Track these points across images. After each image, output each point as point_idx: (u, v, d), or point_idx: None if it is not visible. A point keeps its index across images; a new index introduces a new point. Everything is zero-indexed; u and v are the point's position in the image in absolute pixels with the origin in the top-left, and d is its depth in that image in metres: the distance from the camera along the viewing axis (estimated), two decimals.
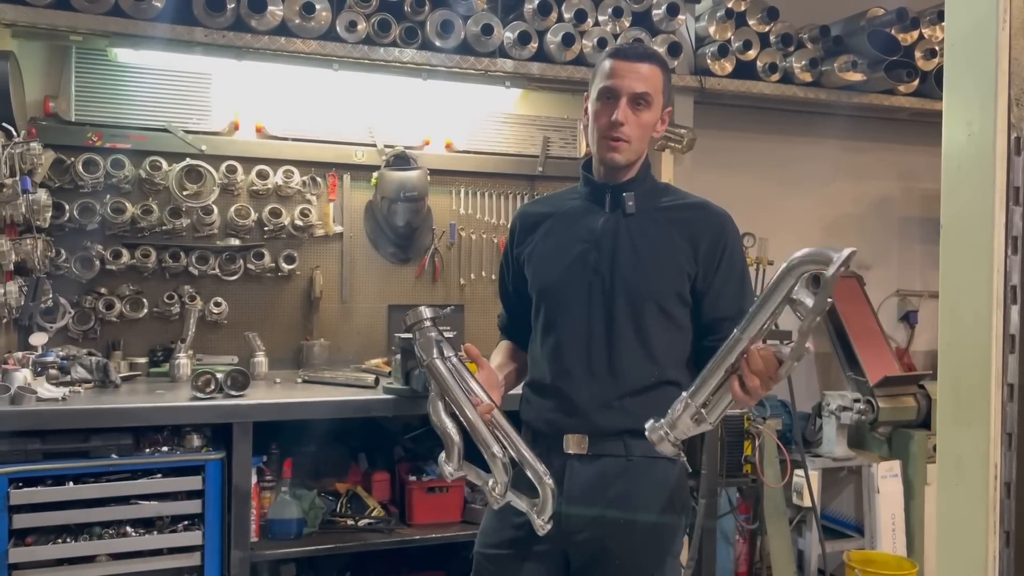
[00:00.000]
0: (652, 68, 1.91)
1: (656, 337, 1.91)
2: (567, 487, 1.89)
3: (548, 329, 1.98)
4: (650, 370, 1.91)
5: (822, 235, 4.75)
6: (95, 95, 3.42)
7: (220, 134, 3.60)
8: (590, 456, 1.91)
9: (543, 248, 2.03)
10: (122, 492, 2.70)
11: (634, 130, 1.90)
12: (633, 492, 1.89)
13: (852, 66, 4.03)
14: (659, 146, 3.99)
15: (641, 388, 1.91)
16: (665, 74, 1.96)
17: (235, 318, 3.62)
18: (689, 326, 1.95)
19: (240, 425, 2.80)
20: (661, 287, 1.92)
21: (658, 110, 1.94)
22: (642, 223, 1.94)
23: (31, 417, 2.62)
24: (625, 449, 1.90)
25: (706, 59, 3.99)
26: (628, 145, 1.91)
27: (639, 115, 1.90)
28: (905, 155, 4.89)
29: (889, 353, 4.40)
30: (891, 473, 4.12)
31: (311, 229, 3.70)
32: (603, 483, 1.90)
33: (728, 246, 1.94)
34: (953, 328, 1.62)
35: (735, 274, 1.95)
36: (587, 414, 1.91)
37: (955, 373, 1.61)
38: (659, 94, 1.93)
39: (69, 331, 3.39)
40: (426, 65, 3.53)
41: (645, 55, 1.93)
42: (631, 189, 1.95)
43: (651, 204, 1.97)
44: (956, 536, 1.61)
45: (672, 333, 1.94)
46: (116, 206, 3.40)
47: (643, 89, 1.89)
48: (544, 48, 3.69)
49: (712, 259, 1.92)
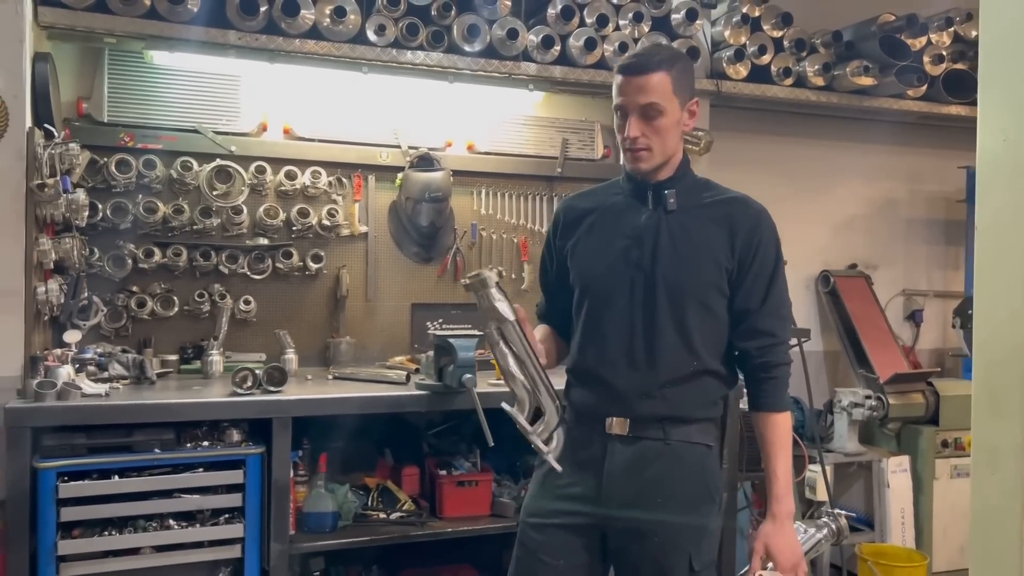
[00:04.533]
0: (655, 76, 1.94)
1: (695, 330, 1.99)
2: (607, 466, 2.00)
3: (592, 321, 2.06)
4: (688, 361, 2.00)
5: (830, 235, 4.86)
6: (127, 96, 3.47)
7: (249, 135, 3.66)
8: (631, 438, 2.00)
9: (587, 243, 2.10)
10: (166, 486, 2.75)
11: (651, 139, 1.96)
12: (670, 474, 1.99)
13: (864, 71, 4.12)
14: None
15: (680, 378, 2.00)
16: (675, 74, 1.96)
17: (263, 316, 3.67)
18: (726, 317, 2.03)
19: (280, 420, 2.86)
20: (700, 281, 2.00)
21: (675, 111, 1.97)
22: (683, 219, 2.01)
23: (76, 412, 2.67)
24: (663, 434, 1.99)
25: (722, 63, 4.08)
26: (650, 153, 1.97)
27: (653, 123, 1.95)
28: (911, 158, 5.00)
29: (897, 351, 4.50)
30: (900, 468, 4.22)
31: (337, 229, 3.76)
32: (642, 463, 1.99)
33: (763, 240, 2.01)
34: (988, 325, 1.71)
35: (767, 268, 2.02)
36: (628, 401, 2.00)
37: (990, 368, 1.70)
38: (669, 98, 1.95)
39: (101, 329, 3.43)
40: (452, 68, 3.60)
41: (646, 66, 1.95)
42: (672, 187, 2.02)
43: (692, 201, 2.03)
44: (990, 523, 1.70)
45: (710, 324, 2.02)
46: (148, 206, 3.45)
47: (649, 100, 1.93)
48: (566, 52, 3.77)
49: (747, 252, 2.00)
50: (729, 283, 2.01)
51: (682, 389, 1.99)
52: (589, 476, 2.02)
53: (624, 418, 2.00)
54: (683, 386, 2.00)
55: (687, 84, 2.01)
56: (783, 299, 2.05)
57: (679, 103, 1.97)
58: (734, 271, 2.00)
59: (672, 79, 1.95)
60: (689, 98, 2.01)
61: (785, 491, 2.01)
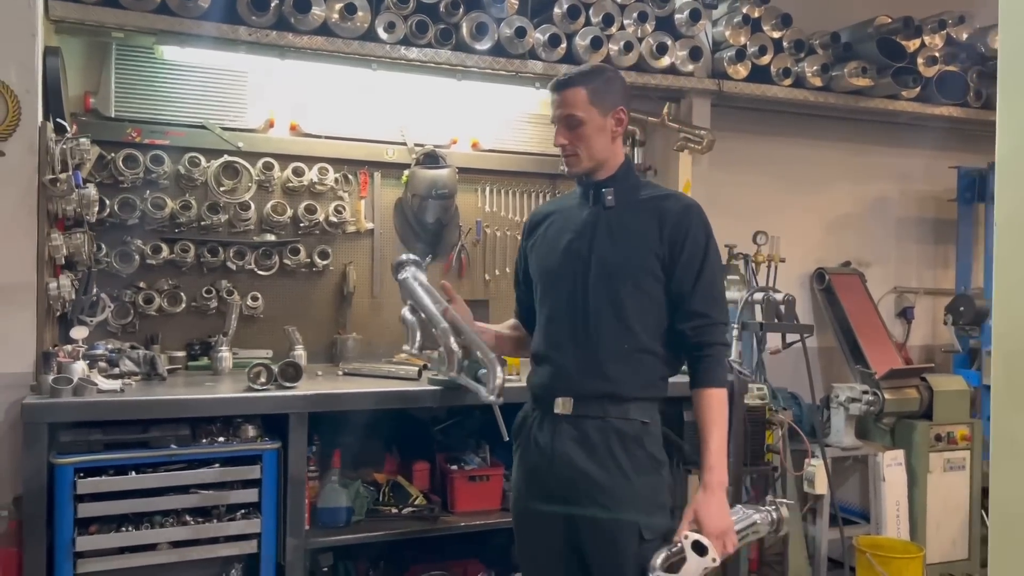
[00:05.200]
0: (571, 91, 2.19)
1: (630, 310, 2.17)
2: (556, 445, 2.20)
3: (543, 307, 2.31)
4: (625, 339, 2.17)
5: (824, 234, 4.94)
6: (135, 91, 3.45)
7: (256, 131, 3.66)
8: (574, 417, 2.19)
9: (543, 241, 2.35)
10: (183, 481, 2.75)
11: (576, 145, 2.21)
12: (611, 448, 2.15)
13: (862, 72, 4.19)
14: (678, 147, 4.13)
15: (618, 356, 2.17)
16: (592, 87, 2.19)
17: (269, 312, 3.67)
18: (663, 300, 2.20)
19: (297, 415, 2.87)
20: (632, 265, 2.18)
21: (595, 119, 2.19)
22: (620, 214, 2.23)
23: (92, 408, 2.66)
24: (603, 411, 2.17)
25: (723, 63, 4.13)
26: (577, 158, 2.24)
27: (576, 132, 2.20)
28: (902, 158, 5.09)
29: (892, 347, 4.58)
30: (895, 462, 4.29)
31: (344, 225, 3.77)
32: (586, 443, 2.17)
33: (691, 229, 2.18)
34: (1007, 318, 1.76)
35: (697, 255, 2.18)
36: (573, 379, 2.20)
37: (1008, 360, 1.75)
38: (587, 107, 2.18)
39: (108, 325, 3.41)
40: (460, 66, 3.62)
41: (565, 83, 2.22)
42: (610, 186, 2.24)
43: (630, 198, 2.24)
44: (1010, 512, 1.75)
45: (646, 306, 2.19)
46: (156, 202, 3.44)
47: (567, 112, 2.20)
48: (572, 50, 3.80)
49: (677, 240, 2.17)
50: (664, 270, 2.18)
51: (620, 367, 2.16)
52: (544, 457, 2.22)
53: (569, 397, 2.19)
54: (621, 364, 2.16)
55: (608, 95, 2.21)
56: (715, 283, 2.22)
57: (599, 112, 2.19)
58: (666, 258, 2.17)
59: (589, 92, 2.19)
60: (612, 107, 2.21)
61: (717, 462, 2.12)
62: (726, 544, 2.07)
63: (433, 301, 2.49)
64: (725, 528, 2.09)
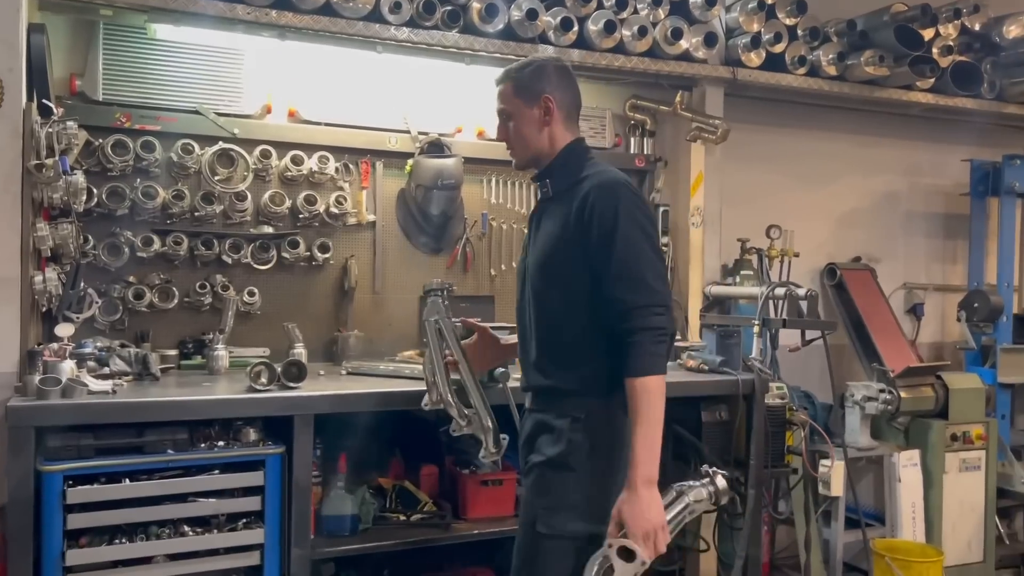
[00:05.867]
0: (501, 86, 2.24)
1: (557, 303, 2.13)
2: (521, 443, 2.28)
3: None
4: (556, 334, 2.15)
5: (833, 228, 4.82)
6: (123, 73, 3.26)
7: (252, 117, 3.47)
8: (529, 410, 2.26)
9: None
10: (181, 489, 2.56)
11: (511, 139, 2.24)
12: (539, 446, 2.18)
13: (879, 60, 4.07)
14: (691, 137, 3.98)
15: (552, 351, 2.16)
16: (517, 80, 2.21)
17: (267, 309, 3.48)
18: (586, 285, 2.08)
19: (302, 417, 2.69)
20: (556, 256, 2.13)
21: (522, 110, 2.20)
22: (554, 204, 2.20)
23: (83, 411, 2.46)
24: (544, 406, 2.19)
25: (738, 50, 3.99)
26: (514, 151, 2.27)
27: (508, 126, 2.24)
28: (912, 151, 4.98)
29: (906, 344, 4.47)
30: (911, 462, 4.17)
31: (344, 217, 3.59)
32: (530, 436, 2.22)
33: (597, 208, 2.06)
34: None
35: (606, 236, 2.04)
36: (526, 374, 2.26)
37: None
38: (513, 100, 2.20)
39: (96, 322, 3.22)
40: (469, 50, 3.46)
41: (498, 80, 2.26)
42: (546, 176, 2.24)
43: (565, 186, 2.18)
44: None
45: (575, 299, 2.10)
46: (147, 191, 3.25)
47: (498, 107, 2.25)
48: (584, 35, 3.65)
49: (586, 223, 2.07)
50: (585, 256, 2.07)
51: (555, 363, 2.14)
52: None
53: (529, 392, 2.26)
54: (557, 360, 2.14)
55: (535, 84, 2.19)
56: (631, 264, 2.02)
57: (524, 103, 2.19)
58: (582, 243, 2.07)
59: (514, 84, 2.21)
60: (538, 96, 2.19)
61: (642, 457, 1.95)
62: (657, 543, 1.93)
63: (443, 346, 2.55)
64: (652, 527, 1.93)
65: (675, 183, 4.17)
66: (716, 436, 3.45)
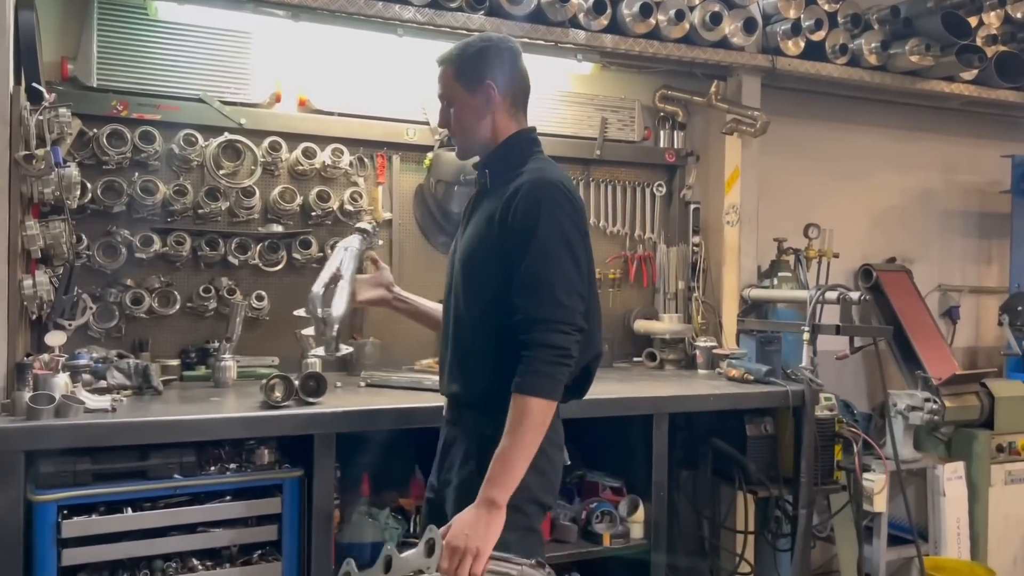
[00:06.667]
0: (442, 70, 2.08)
1: (476, 305, 1.99)
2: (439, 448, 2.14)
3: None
4: (473, 337, 2.00)
5: (868, 227, 4.59)
6: (120, 57, 3.00)
7: (260, 106, 3.20)
8: (446, 421, 2.12)
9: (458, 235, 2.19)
10: (189, 519, 2.31)
11: (453, 126, 2.09)
12: (452, 463, 2.04)
13: (925, 49, 3.84)
14: (727, 129, 3.74)
15: (469, 356, 2.01)
16: (458, 63, 2.05)
17: (275, 314, 3.21)
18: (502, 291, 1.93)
19: (322, 437, 2.43)
20: (477, 258, 1.99)
21: (462, 96, 2.04)
22: (488, 198, 2.04)
23: (80, 432, 2.19)
24: (459, 417, 2.06)
25: (776, 37, 3.75)
26: (456, 139, 2.13)
27: (450, 112, 2.08)
28: (948, 147, 4.77)
29: (947, 350, 4.24)
30: (956, 475, 3.95)
31: (359, 215, 3.32)
32: (445, 449, 2.10)
33: (519, 208, 1.90)
34: None
35: (523, 240, 1.88)
36: (445, 381, 2.10)
37: None
38: (453, 85, 2.05)
39: (89, 329, 2.94)
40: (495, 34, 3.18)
41: (439, 62, 2.10)
42: (485, 167, 2.09)
43: (502, 179, 2.02)
44: None
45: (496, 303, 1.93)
46: (146, 186, 2.97)
47: (439, 92, 2.10)
48: (618, 18, 3.40)
49: (509, 224, 1.92)
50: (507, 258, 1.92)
51: (473, 369, 1.99)
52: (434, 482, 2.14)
53: (447, 399, 2.12)
54: (473, 366, 1.99)
55: (476, 69, 2.03)
56: (539, 272, 1.86)
57: (465, 89, 2.03)
58: (499, 244, 1.94)
59: (455, 69, 2.05)
60: (479, 82, 2.02)
61: (497, 475, 1.79)
62: (461, 565, 1.71)
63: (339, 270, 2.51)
64: (466, 548, 1.72)
65: (706, 179, 3.93)
66: (761, 451, 3.22)
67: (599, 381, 2.14)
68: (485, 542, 1.74)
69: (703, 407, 3.04)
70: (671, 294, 3.88)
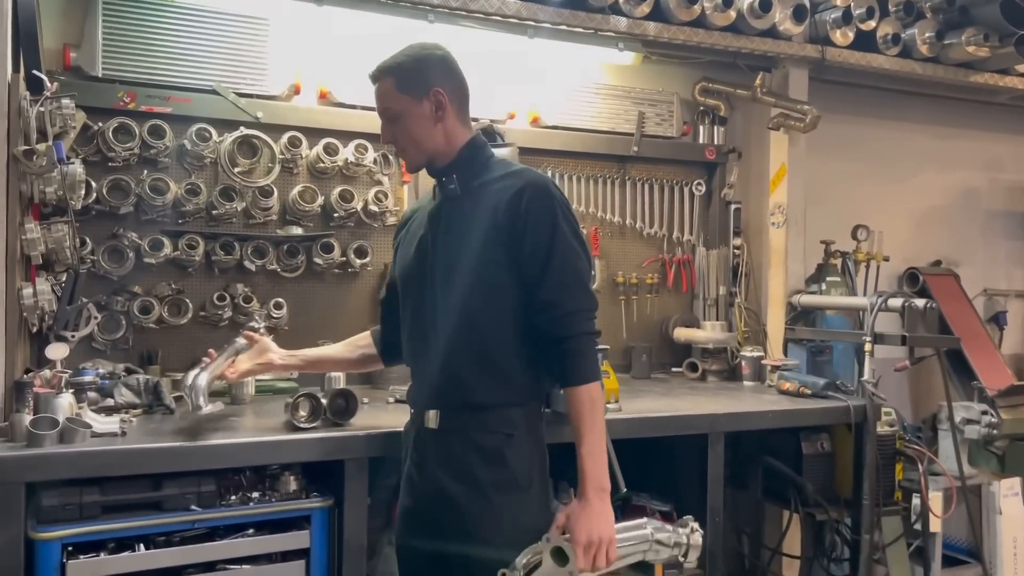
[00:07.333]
0: (380, 84, 2.03)
1: (475, 307, 1.95)
2: (425, 468, 2.00)
3: (404, 315, 2.13)
4: (474, 339, 1.96)
5: (913, 228, 4.37)
6: (127, 45, 2.80)
7: (278, 98, 2.99)
8: (441, 432, 1.99)
9: (404, 241, 2.17)
10: (208, 556, 2.08)
11: (402, 140, 2.03)
12: (471, 469, 1.95)
13: (984, 39, 3.61)
14: (773, 124, 3.51)
15: (469, 358, 1.96)
16: (399, 74, 1.99)
17: (295, 323, 3.01)
18: (515, 292, 1.95)
19: (355, 462, 2.21)
20: (476, 259, 1.96)
21: (410, 106, 1.99)
22: (463, 202, 2.02)
23: (87, 460, 1.97)
24: (464, 424, 1.97)
25: (825, 27, 3.52)
26: (407, 153, 2.06)
27: (397, 126, 2.02)
28: (992, 144, 4.57)
29: (999, 358, 4.03)
30: (1012, 491, 3.74)
31: (384, 216, 3.09)
32: (451, 462, 1.97)
33: (531, 210, 1.93)
34: None
35: (542, 238, 1.92)
36: (434, 388, 2.01)
37: None
38: (397, 97, 1.99)
39: (94, 341, 2.72)
40: (531, 20, 3.00)
41: (375, 77, 2.03)
42: (451, 172, 2.04)
43: (476, 182, 2.02)
44: None
45: (494, 300, 1.95)
46: (155, 185, 2.75)
47: (381, 107, 2.04)
48: (661, 6, 3.18)
49: (517, 224, 1.92)
50: (511, 258, 1.95)
51: (473, 372, 1.96)
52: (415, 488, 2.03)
53: (436, 409, 2.01)
54: (474, 368, 1.96)
55: (420, 77, 2.00)
56: (568, 269, 1.95)
57: (411, 99, 1.99)
58: (512, 245, 1.94)
59: (396, 80, 2.00)
60: (426, 89, 1.99)
61: (592, 466, 1.88)
62: (598, 556, 1.83)
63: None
64: (599, 539, 1.84)
65: (747, 177, 3.70)
66: (818, 471, 3.00)
67: (642, 395, 2.16)
68: (610, 527, 1.86)
69: (760, 425, 2.82)
70: (711, 300, 3.66)
